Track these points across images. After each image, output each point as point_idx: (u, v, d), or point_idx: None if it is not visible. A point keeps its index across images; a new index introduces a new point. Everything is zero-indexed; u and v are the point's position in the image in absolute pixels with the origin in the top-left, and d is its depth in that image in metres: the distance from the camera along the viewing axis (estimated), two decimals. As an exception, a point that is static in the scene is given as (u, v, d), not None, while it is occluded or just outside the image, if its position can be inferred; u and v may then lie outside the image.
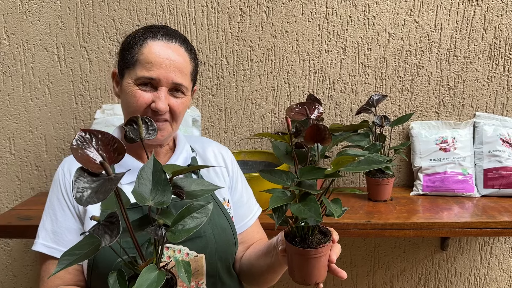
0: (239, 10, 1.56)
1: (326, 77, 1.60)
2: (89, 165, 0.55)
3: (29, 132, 1.65)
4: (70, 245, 0.92)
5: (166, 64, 0.94)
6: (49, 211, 0.99)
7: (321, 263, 0.80)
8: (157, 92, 0.95)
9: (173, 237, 0.62)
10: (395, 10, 1.55)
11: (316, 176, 0.74)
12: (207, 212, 0.66)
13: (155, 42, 0.96)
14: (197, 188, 0.70)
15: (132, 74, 0.95)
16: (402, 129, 1.65)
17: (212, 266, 0.98)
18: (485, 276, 1.76)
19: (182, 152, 1.06)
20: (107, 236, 0.56)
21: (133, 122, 0.71)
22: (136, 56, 0.95)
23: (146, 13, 1.56)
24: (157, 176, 0.65)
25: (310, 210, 0.71)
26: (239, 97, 1.62)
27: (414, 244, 1.74)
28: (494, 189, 1.52)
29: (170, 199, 0.64)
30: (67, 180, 0.99)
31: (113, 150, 0.57)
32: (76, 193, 0.52)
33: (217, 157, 1.12)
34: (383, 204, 1.47)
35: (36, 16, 1.57)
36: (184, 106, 1.00)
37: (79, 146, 0.56)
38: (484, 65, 1.58)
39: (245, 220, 1.13)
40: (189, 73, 1.00)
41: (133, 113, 0.95)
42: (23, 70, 1.61)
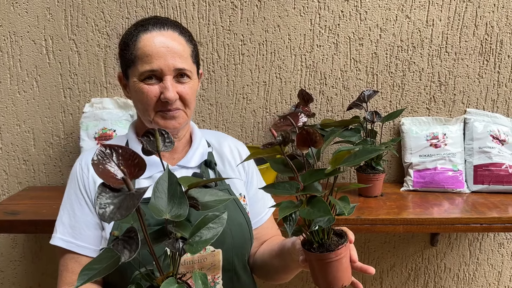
0: (230, 4, 1.54)
1: (317, 72, 1.59)
2: (110, 180, 0.55)
3: (16, 126, 1.63)
4: (88, 239, 0.95)
5: (163, 52, 0.94)
6: (66, 205, 0.99)
7: (343, 264, 0.80)
8: (163, 83, 0.95)
9: (192, 249, 0.64)
10: (387, 5, 1.54)
11: (318, 177, 0.74)
12: (223, 222, 0.68)
13: (148, 34, 0.96)
14: (211, 199, 0.70)
15: (135, 72, 0.96)
16: (393, 125, 1.65)
17: (229, 261, 0.98)
18: (474, 272, 1.77)
19: (198, 147, 1.06)
20: (126, 251, 0.57)
21: (150, 134, 0.71)
22: (134, 53, 0.96)
23: (136, 6, 1.54)
24: (173, 189, 0.65)
25: (319, 211, 0.71)
26: (230, 91, 1.61)
27: (404, 240, 1.74)
28: (484, 185, 1.53)
29: (186, 211, 0.64)
30: (84, 175, 0.99)
31: (133, 165, 0.58)
32: (99, 209, 0.52)
33: (233, 152, 1.12)
34: (373, 200, 1.47)
35: (23, 7, 1.54)
36: (193, 90, 1.00)
37: (100, 161, 0.56)
38: (475, 62, 1.58)
39: (260, 216, 1.13)
40: (189, 56, 1.00)
41: (145, 109, 0.97)
42: (10, 62, 1.58)
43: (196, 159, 1.05)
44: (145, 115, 0.99)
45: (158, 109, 0.97)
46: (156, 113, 0.97)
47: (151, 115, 0.97)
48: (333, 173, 0.74)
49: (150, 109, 0.96)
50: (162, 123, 0.98)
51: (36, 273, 1.75)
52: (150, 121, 0.99)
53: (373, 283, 1.79)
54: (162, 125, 0.97)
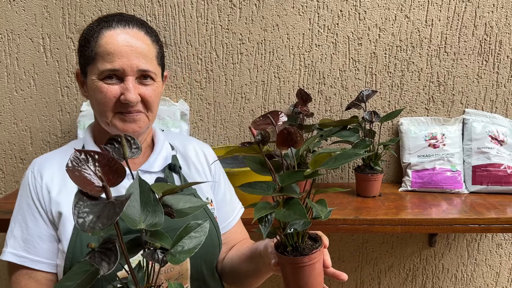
0: (229, 3, 1.54)
1: (316, 72, 1.59)
2: (87, 187, 0.51)
3: (13, 124, 1.62)
4: (43, 253, 0.88)
5: (127, 51, 0.89)
6: (18, 217, 0.92)
7: (316, 270, 0.78)
8: (124, 83, 0.90)
9: (174, 260, 0.60)
10: (386, 5, 1.54)
11: (296, 179, 0.73)
12: (205, 231, 0.65)
13: (111, 31, 0.91)
14: (186, 206, 0.67)
15: (94, 70, 0.91)
16: (392, 125, 1.64)
17: (197, 269, 0.94)
18: (472, 272, 1.77)
19: (161, 151, 1.01)
20: (104, 264, 0.54)
21: (115, 141, 0.67)
22: (95, 50, 0.90)
23: (134, 4, 1.53)
24: (145, 196, 0.62)
25: (295, 213, 0.69)
26: (229, 91, 1.61)
27: (402, 240, 1.74)
28: (482, 185, 1.52)
29: (162, 220, 0.61)
30: (38, 184, 0.93)
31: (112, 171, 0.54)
32: (77, 218, 0.48)
33: (198, 154, 1.08)
34: (371, 200, 1.46)
35: (21, 5, 1.54)
36: (156, 93, 0.95)
37: (75, 167, 0.52)
38: (474, 62, 1.58)
39: (229, 220, 1.09)
40: (154, 57, 0.95)
41: (104, 110, 0.91)
42: (7, 60, 1.57)
43: (159, 163, 0.99)
44: (103, 117, 0.92)
45: (117, 111, 0.91)
46: (114, 115, 0.91)
47: (109, 116, 0.91)
48: (312, 175, 0.73)
49: (108, 110, 0.91)
50: (120, 126, 0.92)
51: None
52: (108, 123, 0.93)
53: (371, 283, 1.79)
54: (121, 128, 0.92)
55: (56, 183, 0.93)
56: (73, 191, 0.90)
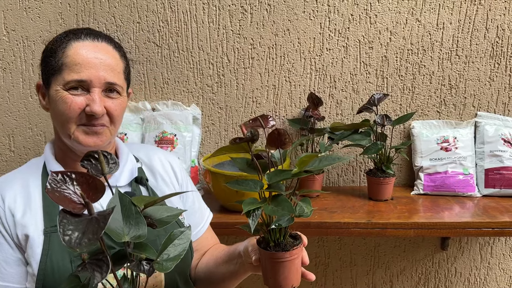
0: (240, 8, 1.55)
1: (327, 76, 1.60)
2: (69, 206, 0.52)
3: (28, 129, 1.65)
4: (11, 278, 0.87)
5: (95, 63, 0.88)
6: None
7: (295, 265, 0.82)
8: (90, 95, 0.88)
9: (162, 268, 0.62)
10: (397, 8, 1.54)
11: (284, 177, 0.77)
12: (188, 237, 0.68)
13: (80, 42, 0.90)
14: (164, 215, 0.68)
15: (59, 80, 0.88)
16: (403, 128, 1.64)
17: (171, 280, 0.94)
18: (485, 276, 1.76)
19: (126, 164, 0.99)
20: (97, 274, 0.55)
21: (91, 158, 0.66)
22: (62, 60, 0.88)
23: (147, 10, 1.55)
24: (127, 209, 0.62)
25: (283, 209, 0.74)
26: (240, 95, 1.62)
27: (414, 244, 1.73)
28: (495, 189, 1.51)
29: (145, 231, 0.61)
30: (0, 208, 0.89)
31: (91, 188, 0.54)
32: (63, 236, 0.49)
33: (164, 165, 1.06)
34: (383, 204, 1.46)
35: (36, 12, 1.56)
36: (121, 107, 0.94)
37: (54, 188, 0.53)
38: (486, 65, 1.57)
39: (199, 227, 1.09)
40: (122, 71, 0.95)
41: (67, 121, 0.88)
42: (23, 67, 1.60)
43: (126, 177, 0.97)
44: (64, 128, 0.89)
45: (80, 123, 0.89)
46: (77, 127, 0.89)
47: (72, 128, 0.89)
48: (298, 175, 0.78)
49: (72, 121, 0.88)
50: (82, 139, 0.89)
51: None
52: (69, 135, 0.90)
53: (383, 287, 1.78)
54: (82, 141, 0.89)
55: (19, 205, 0.90)
56: (38, 211, 0.89)
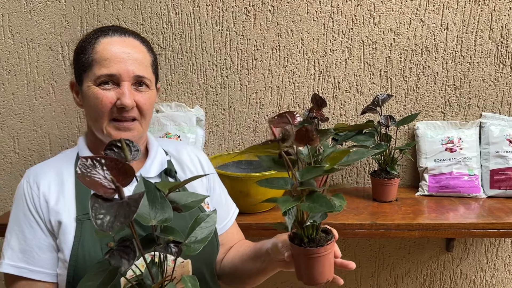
0: (243, 9, 1.55)
1: (331, 77, 1.59)
2: (100, 190, 0.54)
3: (33, 131, 1.65)
4: (43, 263, 0.88)
5: (124, 57, 0.91)
6: (14, 228, 0.91)
7: (329, 260, 0.83)
8: (120, 89, 0.91)
9: (189, 250, 0.65)
10: (400, 9, 1.54)
11: (317, 173, 0.77)
12: (214, 220, 0.70)
13: (108, 38, 0.93)
14: (190, 200, 0.70)
15: (90, 76, 0.92)
16: (408, 129, 1.64)
17: (198, 270, 0.96)
18: (491, 278, 1.75)
19: (156, 157, 1.02)
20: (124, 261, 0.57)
21: (114, 146, 0.68)
22: (91, 56, 0.92)
23: (151, 12, 1.56)
24: (152, 195, 0.64)
25: (321, 205, 0.73)
26: (244, 96, 1.62)
27: (419, 245, 1.72)
28: (500, 190, 1.51)
29: (172, 215, 0.63)
30: (34, 193, 0.91)
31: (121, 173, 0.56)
32: (95, 220, 0.50)
33: (192, 159, 1.09)
34: (388, 205, 1.45)
35: (40, 15, 1.57)
36: (150, 101, 0.96)
37: (84, 173, 0.55)
38: (491, 65, 1.56)
39: (225, 222, 1.11)
40: (149, 65, 0.97)
41: (99, 116, 0.92)
42: (27, 69, 1.61)
43: (155, 169, 1.00)
44: (98, 123, 0.93)
45: (112, 117, 0.92)
46: (109, 122, 0.92)
47: (104, 123, 0.92)
48: (331, 171, 0.79)
49: (104, 116, 0.91)
50: (114, 134, 0.92)
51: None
52: (102, 131, 0.93)
53: (387, 289, 1.77)
54: (115, 136, 0.92)
55: (53, 192, 0.92)
56: (71, 199, 0.92)
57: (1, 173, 1.68)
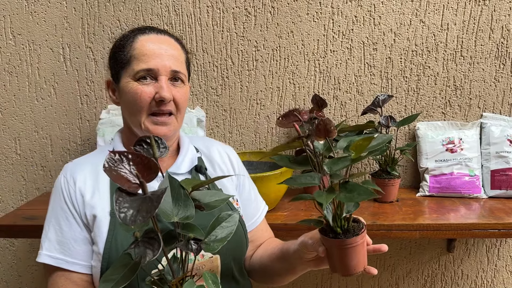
0: (244, 11, 1.55)
1: (331, 78, 1.59)
2: (125, 184, 0.56)
3: (34, 132, 1.66)
4: (78, 255, 0.92)
5: (161, 53, 0.95)
6: (51, 220, 0.96)
7: (364, 247, 0.84)
8: (157, 83, 0.95)
9: (209, 248, 0.66)
10: (401, 10, 1.54)
11: (344, 164, 0.78)
12: (235, 221, 0.71)
13: (145, 36, 0.98)
14: (213, 199, 0.72)
15: (129, 71, 0.95)
16: (408, 130, 1.64)
17: (227, 266, 0.98)
18: (492, 279, 1.74)
19: (187, 154, 1.05)
20: (149, 251, 0.58)
21: (143, 142, 0.70)
22: (130, 53, 0.96)
23: (152, 14, 1.56)
24: (176, 192, 0.66)
25: (360, 194, 0.74)
26: (244, 97, 1.62)
27: (420, 246, 1.72)
28: (501, 190, 1.50)
29: (193, 213, 0.65)
30: (71, 188, 0.96)
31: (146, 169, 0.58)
32: (119, 213, 0.53)
33: (222, 156, 1.12)
34: (389, 205, 1.45)
35: (42, 16, 1.58)
36: (186, 96, 1.00)
37: (111, 167, 0.57)
38: (491, 65, 1.56)
39: (254, 218, 1.13)
40: (184, 61, 1.01)
41: (138, 111, 0.95)
42: (29, 70, 1.61)
43: (186, 165, 1.03)
44: (136, 118, 0.96)
45: (150, 112, 0.95)
46: (147, 117, 0.95)
47: (142, 118, 0.95)
48: (358, 159, 0.78)
49: (143, 110, 0.94)
50: (152, 129, 0.95)
51: (53, 278, 1.78)
52: (140, 125, 0.96)
53: (389, 290, 1.77)
54: (152, 131, 0.95)
55: (89, 186, 0.96)
56: (105, 194, 0.96)
57: (2, 174, 1.69)
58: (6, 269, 1.77)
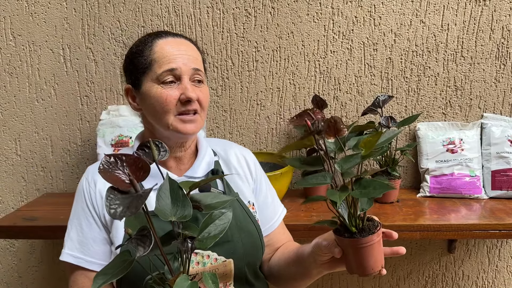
0: (244, 11, 1.55)
1: (331, 78, 1.59)
2: (118, 184, 0.60)
3: (35, 133, 1.66)
4: (96, 255, 0.95)
5: (181, 53, 0.97)
6: (74, 220, 0.99)
7: (381, 245, 0.82)
8: (181, 84, 0.96)
9: (202, 245, 0.68)
10: (401, 10, 1.54)
11: (356, 161, 0.78)
12: (228, 218, 0.73)
13: (163, 39, 0.99)
14: (214, 201, 0.74)
15: (151, 75, 0.96)
16: (409, 130, 1.63)
17: (240, 270, 0.98)
18: (493, 279, 1.74)
19: (205, 157, 1.05)
20: (140, 248, 0.62)
21: (145, 147, 0.74)
22: (150, 57, 0.97)
23: (152, 14, 1.56)
24: (175, 193, 0.69)
25: (375, 188, 0.74)
26: (244, 98, 1.62)
27: (421, 247, 1.72)
28: (502, 191, 1.50)
29: (191, 212, 0.67)
30: (92, 190, 0.99)
31: (138, 169, 0.62)
32: (109, 209, 0.57)
33: (239, 160, 1.11)
34: (389, 206, 1.45)
35: (42, 17, 1.58)
36: (207, 95, 1.02)
37: (106, 169, 0.61)
38: (492, 66, 1.56)
39: (271, 222, 1.12)
40: (202, 62, 1.03)
41: (165, 113, 0.95)
42: (29, 71, 1.62)
43: (203, 169, 1.04)
44: (163, 120, 0.96)
45: (177, 112, 0.96)
46: (174, 117, 0.96)
47: (170, 119, 0.96)
48: (369, 156, 0.79)
49: (170, 113, 0.95)
50: (181, 127, 0.96)
51: (53, 279, 1.78)
52: (168, 126, 0.97)
53: (389, 291, 1.77)
54: (182, 130, 0.96)
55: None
56: None
57: (2, 175, 1.69)
58: (7, 270, 1.77)
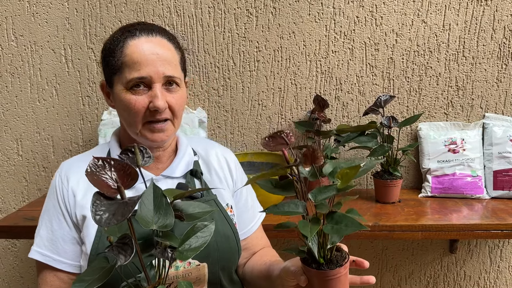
0: (245, 11, 1.55)
1: (333, 78, 1.59)
2: (104, 189, 0.58)
3: (36, 133, 1.66)
4: (66, 254, 0.92)
5: (153, 59, 0.91)
6: (44, 217, 0.96)
7: (347, 278, 0.80)
8: (151, 91, 0.91)
9: (181, 256, 0.66)
10: (402, 10, 1.53)
11: (331, 193, 0.73)
12: (210, 231, 0.71)
13: (136, 40, 0.92)
14: (195, 211, 0.72)
15: (121, 79, 0.92)
16: (410, 130, 1.63)
17: (214, 274, 0.95)
18: (495, 280, 1.74)
19: (184, 156, 1.03)
20: (121, 256, 0.59)
21: (129, 151, 0.71)
22: (121, 60, 0.91)
23: (153, 15, 1.56)
24: (158, 201, 0.67)
25: (347, 225, 0.70)
26: (246, 98, 1.62)
27: (423, 247, 1.72)
28: (504, 191, 1.50)
29: (172, 221, 0.65)
30: (64, 187, 0.95)
31: (126, 175, 0.60)
32: (95, 215, 0.55)
33: (220, 161, 1.08)
34: (391, 206, 1.45)
35: (43, 18, 1.58)
36: (182, 100, 0.97)
37: (93, 172, 0.59)
38: (494, 66, 1.56)
39: (250, 226, 1.10)
40: (178, 63, 0.97)
41: (133, 121, 0.92)
42: (30, 71, 1.62)
43: (181, 169, 1.01)
44: (132, 127, 0.94)
45: (146, 120, 0.93)
46: (143, 126, 0.93)
47: (138, 127, 0.93)
48: (345, 189, 0.74)
49: (139, 120, 0.92)
50: (149, 136, 0.94)
51: (55, 279, 1.78)
52: (137, 133, 0.94)
53: (391, 291, 1.77)
54: (150, 138, 0.94)
55: (81, 187, 0.95)
56: None
57: (4, 175, 1.69)
58: (8, 270, 1.78)
